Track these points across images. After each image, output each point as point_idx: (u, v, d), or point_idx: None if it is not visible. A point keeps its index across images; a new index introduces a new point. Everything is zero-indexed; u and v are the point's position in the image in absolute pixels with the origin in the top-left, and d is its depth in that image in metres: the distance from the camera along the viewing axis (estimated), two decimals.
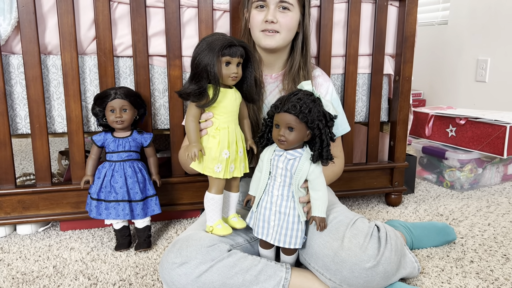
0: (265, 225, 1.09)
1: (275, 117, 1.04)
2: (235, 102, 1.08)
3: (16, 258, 1.32)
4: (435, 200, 1.86)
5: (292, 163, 1.05)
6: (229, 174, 1.08)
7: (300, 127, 1.02)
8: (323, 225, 1.08)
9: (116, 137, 1.33)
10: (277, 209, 1.07)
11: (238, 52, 1.03)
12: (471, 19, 2.76)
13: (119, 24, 1.40)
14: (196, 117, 1.06)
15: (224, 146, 1.05)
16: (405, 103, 1.69)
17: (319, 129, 1.02)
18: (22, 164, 2.39)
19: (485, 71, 2.68)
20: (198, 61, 1.02)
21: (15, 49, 1.35)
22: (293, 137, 1.02)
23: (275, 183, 1.07)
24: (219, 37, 1.03)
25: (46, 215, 1.44)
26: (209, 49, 1.00)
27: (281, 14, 1.18)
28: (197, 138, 1.05)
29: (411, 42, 1.64)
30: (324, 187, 1.07)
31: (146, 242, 1.37)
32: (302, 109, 1.00)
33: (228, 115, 1.07)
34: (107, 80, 1.39)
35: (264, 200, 1.09)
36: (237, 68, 1.05)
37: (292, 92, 1.05)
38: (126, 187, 1.30)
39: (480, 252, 1.37)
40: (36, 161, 1.40)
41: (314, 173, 1.05)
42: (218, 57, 1.01)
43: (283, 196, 1.07)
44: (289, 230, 1.07)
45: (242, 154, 1.10)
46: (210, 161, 1.06)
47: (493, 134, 1.88)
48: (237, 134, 1.08)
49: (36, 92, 1.35)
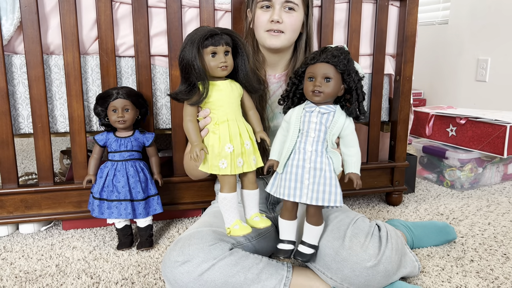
0: (298, 185, 1.01)
1: (309, 69, 1.00)
2: (231, 93, 1.02)
3: (19, 257, 1.33)
4: (435, 199, 1.87)
5: (327, 117, 1.00)
6: (237, 169, 1.01)
7: (337, 78, 0.98)
8: (360, 182, 1.02)
9: (118, 137, 1.33)
10: (312, 165, 1.00)
11: (222, 40, 0.97)
12: (471, 19, 2.77)
13: (121, 24, 1.40)
14: (193, 116, 1.02)
15: (226, 140, 1.00)
16: (405, 102, 1.69)
17: (354, 82, 0.99)
18: (24, 163, 2.40)
19: (486, 70, 2.69)
20: (181, 58, 0.98)
21: (17, 49, 1.36)
22: (330, 89, 0.98)
23: (307, 139, 1.01)
24: (200, 29, 0.99)
25: (49, 214, 1.45)
26: (190, 43, 0.96)
27: (287, 14, 1.18)
28: (197, 138, 1.01)
29: (411, 42, 1.64)
30: (357, 144, 1.03)
31: (148, 241, 1.38)
32: (341, 59, 0.97)
33: (226, 108, 1.01)
34: (109, 80, 1.40)
35: (295, 158, 1.01)
36: (226, 57, 0.99)
37: (323, 47, 1.02)
38: (128, 187, 1.31)
39: (480, 251, 1.37)
40: (39, 161, 1.41)
41: (348, 128, 1.01)
42: (201, 49, 0.96)
43: (317, 152, 1.00)
44: (327, 186, 1.00)
45: (249, 147, 1.03)
46: (214, 158, 1.01)
47: (493, 133, 1.89)
48: (240, 127, 1.02)
49: (39, 92, 1.35)
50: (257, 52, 1.27)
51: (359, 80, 1.00)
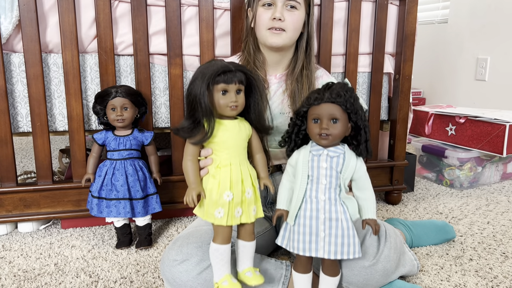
0: (313, 238, 0.94)
1: (313, 111, 0.93)
2: (238, 135, 0.95)
3: (18, 255, 1.33)
4: (434, 198, 1.87)
5: (337, 160, 0.93)
6: (234, 220, 0.93)
7: (344, 118, 0.92)
8: (378, 227, 0.96)
9: (117, 136, 1.33)
10: (327, 215, 0.93)
11: (235, 78, 0.91)
12: (471, 18, 2.76)
13: (120, 23, 1.40)
14: (194, 156, 0.95)
15: (225, 187, 0.91)
16: (405, 101, 1.69)
17: (362, 120, 0.93)
18: (23, 162, 2.40)
19: (485, 69, 2.69)
20: (189, 91, 0.92)
21: (16, 47, 1.36)
22: (337, 130, 0.91)
23: (319, 186, 0.94)
24: (213, 63, 0.92)
25: (47, 213, 1.45)
26: (201, 77, 0.90)
27: (289, 13, 1.17)
28: (195, 180, 0.93)
29: (411, 41, 1.64)
30: (371, 185, 0.97)
31: (147, 240, 1.38)
32: (347, 97, 0.91)
33: (230, 151, 0.94)
34: (108, 79, 1.40)
35: (307, 209, 0.94)
36: (237, 96, 0.92)
37: (325, 84, 0.95)
38: (127, 185, 1.31)
39: (479, 250, 1.37)
40: (37, 159, 1.41)
41: (361, 170, 0.95)
42: (210, 86, 0.90)
43: (331, 200, 0.94)
44: (345, 237, 0.93)
45: (251, 196, 0.95)
46: (211, 205, 0.93)
47: (493, 132, 1.89)
48: (243, 172, 0.94)
49: (37, 90, 1.35)
50: (257, 52, 1.26)
51: (365, 118, 0.94)
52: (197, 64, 1.48)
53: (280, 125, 1.25)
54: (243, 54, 1.27)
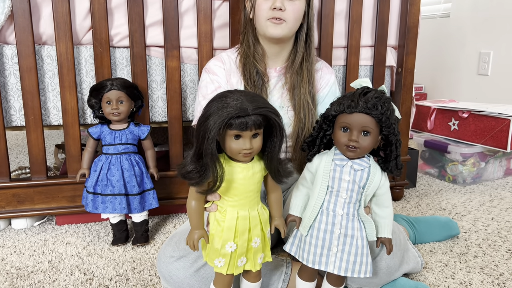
0: (324, 251, 0.89)
1: (344, 118, 0.85)
2: (251, 179, 0.84)
3: (11, 252, 1.29)
4: (437, 194, 1.84)
5: (361, 174, 0.87)
6: (236, 270, 0.87)
7: (376, 131, 0.85)
8: (391, 246, 0.92)
9: (113, 130, 1.30)
10: (343, 231, 0.88)
11: (251, 122, 0.77)
12: (473, 12, 2.73)
13: (115, 14, 1.36)
14: (199, 198, 0.85)
15: (229, 238, 0.84)
16: (407, 95, 1.66)
17: (395, 135, 0.86)
18: (18, 158, 2.36)
19: (488, 64, 2.65)
20: (199, 130, 0.79)
21: (8, 39, 1.32)
22: (368, 143, 0.84)
23: (338, 199, 0.88)
24: (231, 101, 0.77)
25: (42, 209, 1.41)
26: (215, 118, 0.76)
27: (289, 2, 1.13)
28: (198, 223, 0.85)
29: (414, 33, 1.61)
30: (391, 203, 0.92)
31: (143, 237, 1.34)
32: (384, 110, 0.83)
33: (240, 197, 0.84)
34: (103, 71, 1.36)
35: (322, 221, 0.89)
36: (253, 141, 0.80)
37: (361, 89, 0.86)
38: (123, 181, 1.28)
39: (484, 246, 1.34)
40: (31, 154, 1.37)
41: (384, 186, 0.89)
42: (222, 129, 0.77)
43: (349, 216, 0.88)
44: (359, 256, 0.88)
45: (258, 245, 0.87)
46: (212, 252, 0.86)
47: (497, 127, 1.85)
48: (252, 220, 0.85)
49: (31, 83, 1.31)
50: (257, 44, 1.22)
51: (398, 132, 0.88)
52: (195, 57, 1.44)
53: None
54: (242, 46, 1.23)
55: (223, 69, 1.22)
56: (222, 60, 1.23)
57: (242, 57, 1.21)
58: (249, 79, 1.19)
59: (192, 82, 1.47)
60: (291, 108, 1.21)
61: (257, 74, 1.19)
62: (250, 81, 1.19)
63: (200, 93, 1.22)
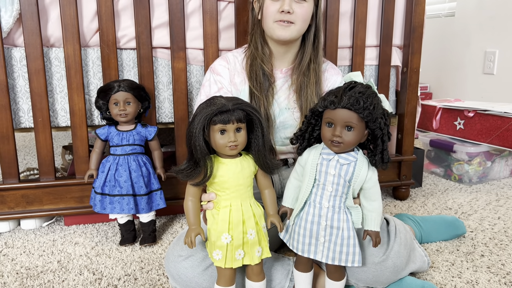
0: (312, 241, 0.92)
1: (328, 114, 0.88)
2: (240, 173, 0.91)
3: (20, 253, 1.31)
4: (443, 193, 1.84)
5: (347, 168, 0.89)
6: (234, 263, 0.90)
7: (360, 126, 0.87)
8: (379, 240, 0.93)
9: (120, 131, 1.31)
10: (328, 223, 0.91)
11: (233, 117, 0.87)
12: (478, 11, 2.72)
13: (122, 16, 1.38)
14: (195, 196, 0.93)
15: (223, 229, 0.89)
16: (413, 95, 1.66)
17: (381, 129, 0.87)
18: (26, 159, 2.38)
19: (493, 63, 2.64)
20: (188, 131, 0.89)
21: (17, 42, 1.33)
22: (351, 138, 0.87)
23: (324, 192, 0.91)
24: (212, 102, 0.88)
25: (50, 209, 1.43)
26: (198, 117, 0.87)
27: (297, 5, 1.13)
28: (195, 221, 0.91)
29: (419, 33, 1.61)
30: (380, 196, 0.93)
31: (151, 237, 1.35)
32: (366, 105, 0.84)
33: (231, 191, 0.91)
34: (110, 73, 1.38)
35: (309, 213, 0.92)
36: (237, 134, 0.89)
37: (347, 84, 0.88)
38: (131, 181, 1.29)
39: (491, 246, 1.34)
40: (40, 155, 1.39)
41: (371, 180, 0.91)
42: (206, 127, 0.87)
43: (335, 208, 0.91)
44: (345, 246, 0.91)
45: (254, 237, 0.91)
46: (210, 246, 0.92)
47: (503, 126, 1.85)
48: (245, 212, 0.91)
49: (39, 85, 1.33)
50: (264, 45, 1.22)
51: (386, 125, 0.89)
52: (201, 58, 1.45)
53: (285, 120, 1.22)
54: (250, 48, 1.23)
55: (227, 68, 1.23)
56: (227, 59, 1.24)
57: (249, 58, 1.22)
58: (255, 81, 1.19)
59: (198, 83, 1.47)
60: (298, 109, 1.22)
61: (263, 76, 1.19)
62: (256, 83, 1.19)
63: (203, 91, 1.23)
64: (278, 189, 1.28)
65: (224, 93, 1.19)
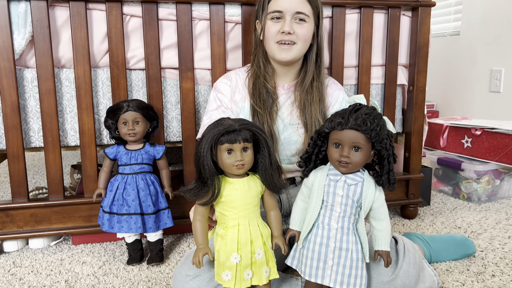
0: (320, 264, 0.92)
1: (335, 135, 0.89)
2: (247, 193, 0.93)
3: (28, 272, 1.31)
4: (452, 212, 1.82)
5: (354, 189, 0.90)
6: (243, 283, 0.91)
7: (367, 146, 0.89)
8: (390, 260, 0.94)
9: (129, 150, 1.32)
10: (337, 244, 0.91)
11: (239, 137, 0.90)
12: (483, 29, 2.74)
13: (131, 37, 1.40)
14: (203, 216, 0.95)
15: (233, 249, 0.90)
16: (419, 113, 1.66)
17: (386, 149, 0.89)
18: (34, 178, 2.40)
19: (500, 81, 2.64)
20: (196, 151, 0.92)
21: (29, 63, 1.36)
22: (358, 158, 0.88)
23: (332, 213, 0.91)
24: (219, 123, 0.92)
25: (58, 228, 1.43)
26: (206, 137, 0.90)
27: (298, 25, 1.16)
28: (203, 241, 0.92)
29: (424, 52, 1.62)
30: (388, 215, 0.94)
31: (158, 256, 1.35)
32: (373, 126, 0.86)
33: (239, 210, 0.92)
34: (119, 93, 1.40)
35: (318, 234, 0.92)
36: (243, 154, 0.91)
37: (352, 106, 0.91)
38: (139, 200, 1.29)
39: (502, 265, 1.32)
40: (49, 175, 1.40)
41: (379, 200, 0.92)
42: (214, 147, 0.90)
43: (343, 229, 0.91)
44: (353, 269, 0.91)
45: (261, 257, 0.92)
46: (218, 267, 0.92)
47: (511, 144, 1.84)
48: (253, 232, 0.92)
49: (50, 105, 1.35)
50: (267, 64, 1.25)
51: (391, 146, 0.91)
52: (209, 78, 1.47)
53: (289, 136, 1.23)
54: (253, 67, 1.26)
55: (228, 86, 1.26)
56: (229, 77, 1.28)
57: (252, 76, 1.24)
58: (258, 98, 1.21)
59: (205, 103, 1.49)
60: (301, 125, 1.23)
61: (266, 93, 1.22)
62: (259, 100, 1.21)
63: (207, 108, 1.29)
64: (286, 207, 1.28)
65: (222, 110, 1.23)
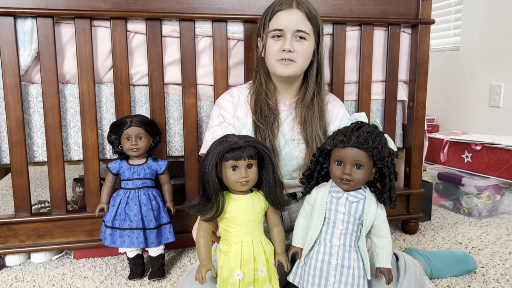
0: (322, 281, 0.92)
1: (337, 153, 0.91)
2: (251, 209, 0.94)
3: (30, 286, 1.31)
4: (452, 227, 1.82)
5: (356, 206, 0.91)
6: None
7: (369, 164, 0.90)
8: (391, 277, 0.94)
9: (131, 165, 1.33)
10: (339, 262, 0.91)
11: (244, 154, 0.91)
12: (483, 45, 2.76)
13: (135, 54, 1.42)
14: (207, 232, 0.95)
15: (236, 266, 0.90)
16: (420, 129, 1.67)
17: (388, 167, 0.90)
18: (36, 191, 2.41)
19: (499, 96, 2.66)
20: (201, 167, 0.93)
21: (34, 79, 1.38)
22: (360, 176, 0.89)
23: (334, 230, 0.92)
24: (224, 140, 0.93)
25: (60, 243, 1.44)
26: (211, 154, 0.91)
27: (298, 43, 1.18)
28: (206, 257, 0.93)
29: (424, 68, 1.64)
30: (389, 233, 0.95)
31: (160, 271, 1.35)
32: (375, 144, 0.88)
33: (242, 226, 0.92)
34: (123, 108, 1.41)
35: (320, 251, 0.93)
36: (248, 171, 0.92)
37: (354, 124, 0.92)
38: (141, 215, 1.30)
39: (503, 282, 1.32)
40: (52, 189, 1.41)
41: (381, 217, 0.93)
42: (218, 163, 0.91)
43: (345, 246, 0.92)
44: (355, 286, 0.91)
45: (264, 274, 0.92)
46: (221, 284, 0.92)
47: (511, 160, 1.85)
48: (256, 249, 0.92)
49: (54, 120, 1.37)
50: (268, 81, 1.27)
51: (392, 164, 0.92)
52: (211, 94, 1.49)
53: (290, 151, 1.25)
54: (254, 84, 1.28)
55: (231, 102, 1.28)
56: (232, 94, 1.30)
57: (254, 93, 1.26)
58: (259, 115, 1.23)
59: (208, 118, 1.51)
60: (302, 141, 1.25)
61: (268, 110, 1.24)
62: (261, 116, 1.23)
63: (209, 123, 1.30)
64: (288, 223, 1.28)
65: (225, 126, 1.25)
